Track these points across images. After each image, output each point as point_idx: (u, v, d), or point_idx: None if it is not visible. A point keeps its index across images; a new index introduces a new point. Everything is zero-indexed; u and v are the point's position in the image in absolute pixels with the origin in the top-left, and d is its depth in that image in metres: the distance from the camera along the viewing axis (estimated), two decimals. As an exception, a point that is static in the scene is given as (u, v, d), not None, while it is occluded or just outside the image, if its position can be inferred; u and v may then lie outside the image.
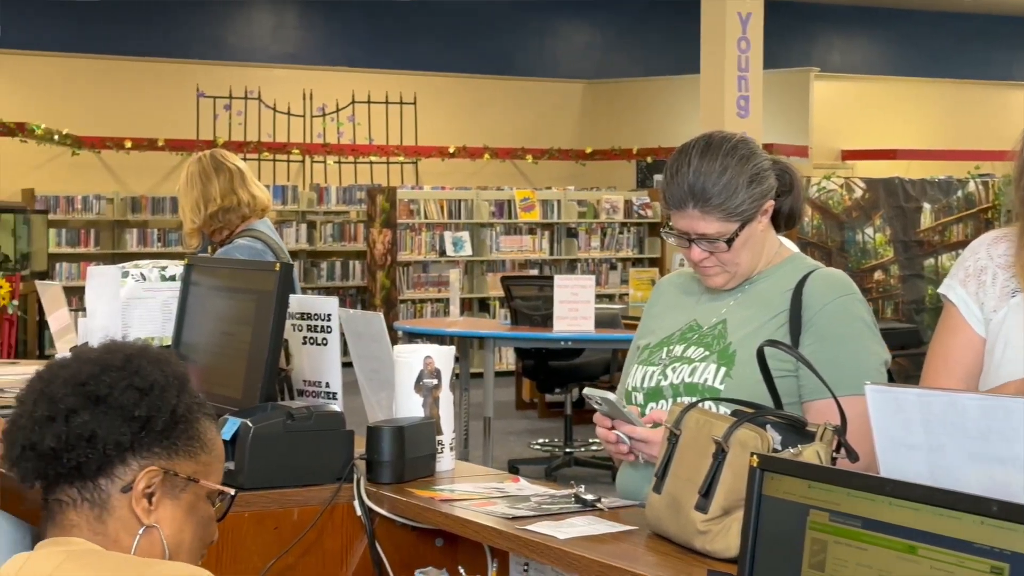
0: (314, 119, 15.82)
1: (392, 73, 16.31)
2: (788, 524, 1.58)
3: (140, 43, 15.37)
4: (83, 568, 1.66)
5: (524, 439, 10.25)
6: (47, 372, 1.80)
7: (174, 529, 1.78)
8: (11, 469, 1.79)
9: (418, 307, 14.05)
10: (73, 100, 14.78)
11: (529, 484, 2.69)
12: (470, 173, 16.42)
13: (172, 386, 1.79)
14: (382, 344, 2.90)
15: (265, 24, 16.50)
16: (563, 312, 7.82)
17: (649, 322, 2.76)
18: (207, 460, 1.83)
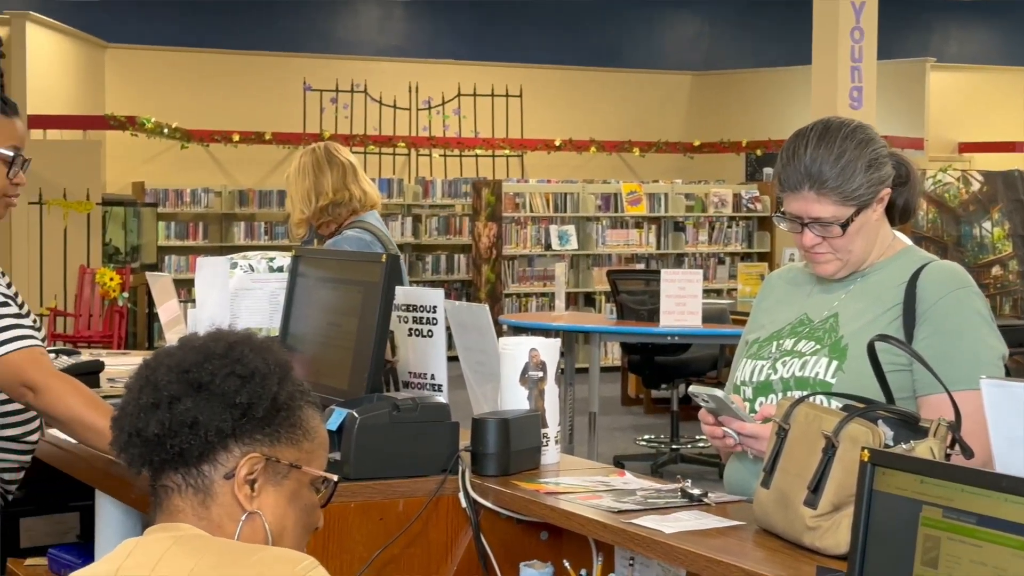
0: (420, 112, 15.92)
1: (498, 65, 16.35)
2: (900, 520, 1.57)
3: (248, 37, 15.58)
4: (190, 553, 1.69)
5: (630, 435, 10.23)
6: (153, 360, 1.83)
7: (276, 515, 1.80)
8: (119, 455, 1.83)
9: (523, 301, 14.07)
10: (182, 94, 15.03)
11: (635, 478, 2.68)
12: (576, 166, 16.41)
13: (273, 374, 1.82)
14: (487, 336, 2.91)
15: (372, 17, 16.63)
16: (670, 307, 7.77)
17: (758, 316, 2.75)
18: (310, 448, 1.85)
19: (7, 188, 2.97)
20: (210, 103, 15.11)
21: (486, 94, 16.06)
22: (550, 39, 16.95)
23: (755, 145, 16.50)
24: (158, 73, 15.11)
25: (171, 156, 14.88)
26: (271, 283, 3.28)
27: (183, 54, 15.24)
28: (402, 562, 2.61)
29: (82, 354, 3.93)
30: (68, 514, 3.56)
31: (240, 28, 15.60)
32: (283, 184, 4.90)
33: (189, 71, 15.22)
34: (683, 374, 8.80)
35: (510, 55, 16.58)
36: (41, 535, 3.52)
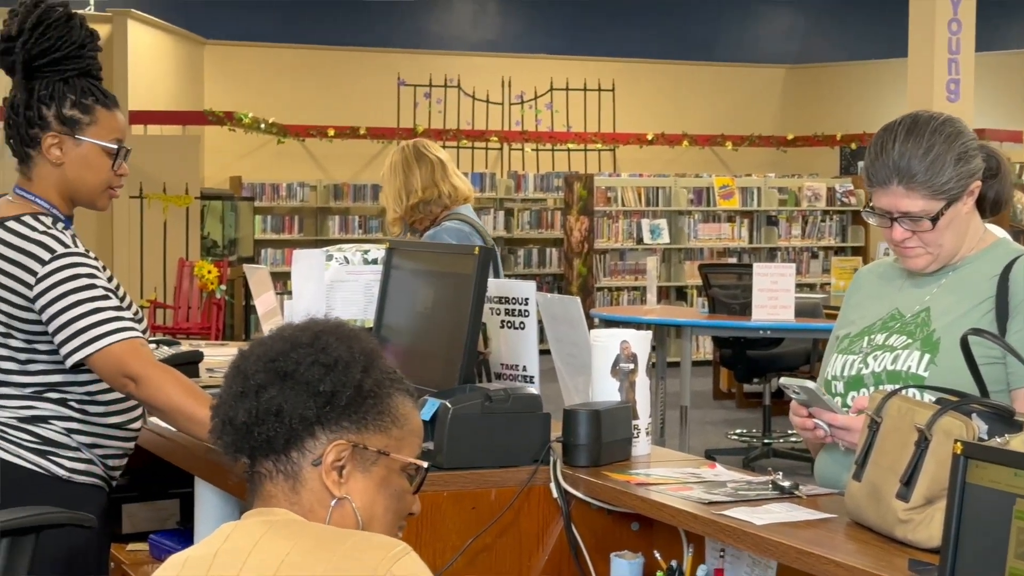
0: (512, 107, 15.95)
1: (590, 60, 16.34)
2: (993, 513, 1.56)
3: (343, 33, 15.71)
4: (285, 537, 1.72)
5: (721, 429, 10.19)
6: (247, 349, 1.87)
7: (366, 501, 1.82)
8: (216, 442, 1.87)
9: (614, 295, 14.06)
10: (279, 90, 15.20)
11: (726, 470, 2.68)
12: (668, 160, 16.35)
13: (358, 362, 1.83)
14: (579, 328, 2.92)
15: (465, 12, 16.69)
16: (762, 301, 7.74)
17: (849, 312, 2.73)
18: (399, 435, 1.86)
19: (111, 179, 3.04)
20: (306, 98, 15.26)
21: (579, 88, 16.05)
22: (643, 33, 16.90)
23: (850, 139, 16.33)
24: (255, 69, 15.29)
25: (268, 151, 15.06)
26: (366, 275, 3.32)
27: (280, 50, 15.41)
28: (494, 551, 2.62)
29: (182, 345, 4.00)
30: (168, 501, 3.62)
31: (335, 24, 15.73)
32: (377, 179, 4.97)
33: (285, 67, 15.38)
34: (775, 368, 8.75)
35: (603, 49, 16.55)
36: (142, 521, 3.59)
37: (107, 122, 3.01)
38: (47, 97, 2.95)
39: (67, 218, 3.01)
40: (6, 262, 2.88)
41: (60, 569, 2.88)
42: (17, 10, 2.99)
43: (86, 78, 2.99)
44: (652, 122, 16.37)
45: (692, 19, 17.23)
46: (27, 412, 2.92)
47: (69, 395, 2.94)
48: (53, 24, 2.95)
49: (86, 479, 2.96)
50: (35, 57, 2.94)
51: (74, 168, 2.98)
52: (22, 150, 2.98)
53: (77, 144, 2.97)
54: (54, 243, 2.87)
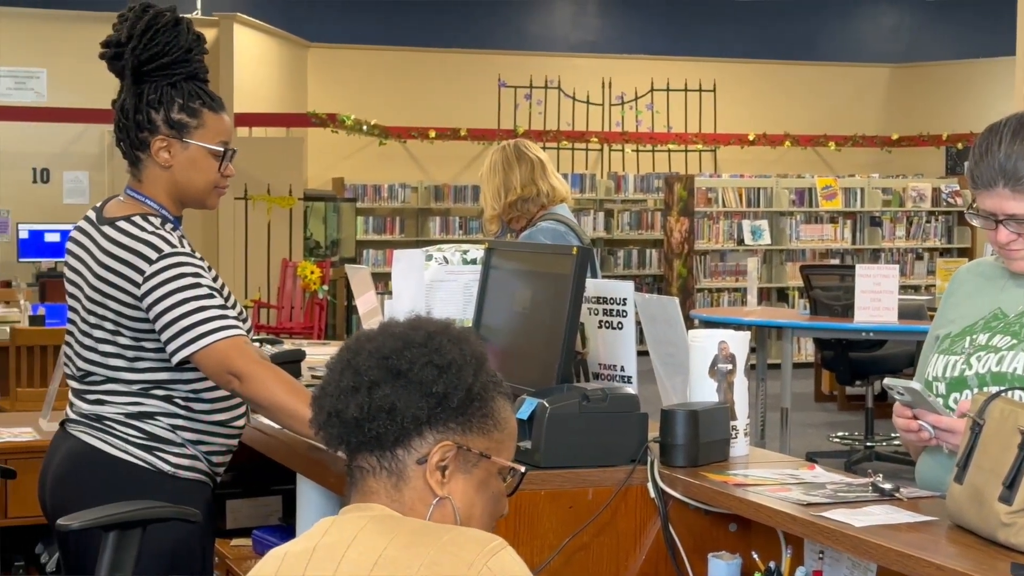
0: (612, 107, 15.94)
1: (691, 60, 16.26)
2: (1097, 517, 1.54)
3: (444, 35, 15.79)
4: (383, 532, 1.74)
5: (823, 432, 10.09)
6: (354, 344, 1.89)
7: (465, 502, 1.84)
8: (318, 433, 1.90)
9: (715, 296, 13.98)
10: (381, 92, 15.32)
11: (825, 472, 2.67)
12: (770, 161, 16.23)
13: (469, 364, 1.85)
14: (677, 328, 2.91)
15: (566, 14, 16.70)
16: (865, 302, 7.67)
17: (948, 311, 2.70)
18: (500, 438, 1.88)
19: (218, 180, 3.09)
20: (407, 100, 15.36)
21: (679, 89, 15.98)
22: (744, 33, 16.78)
23: (956, 139, 16.08)
24: (358, 71, 15.43)
25: (370, 152, 15.19)
26: (465, 275, 3.33)
27: (382, 52, 15.53)
28: (591, 550, 2.63)
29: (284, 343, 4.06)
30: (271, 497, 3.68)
31: (437, 27, 15.82)
32: (477, 180, 4.99)
33: (387, 69, 15.50)
34: (878, 371, 8.65)
35: (703, 49, 16.47)
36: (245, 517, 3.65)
37: (214, 125, 3.06)
38: (155, 101, 3.00)
39: (176, 219, 3.07)
40: (116, 261, 2.94)
41: (165, 563, 2.93)
42: (126, 15, 3.04)
43: (193, 82, 3.04)
44: (753, 122, 16.25)
45: (794, 18, 17.07)
46: (134, 408, 2.97)
47: (175, 392, 2.99)
48: (161, 29, 3.01)
49: (191, 475, 3.01)
50: (144, 62, 3.00)
51: (182, 170, 3.04)
52: (132, 153, 3.04)
53: (185, 147, 3.02)
54: (161, 243, 2.92)
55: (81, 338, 3.03)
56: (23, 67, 13.18)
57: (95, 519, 2.71)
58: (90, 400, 3.01)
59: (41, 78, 13.19)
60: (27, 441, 4.02)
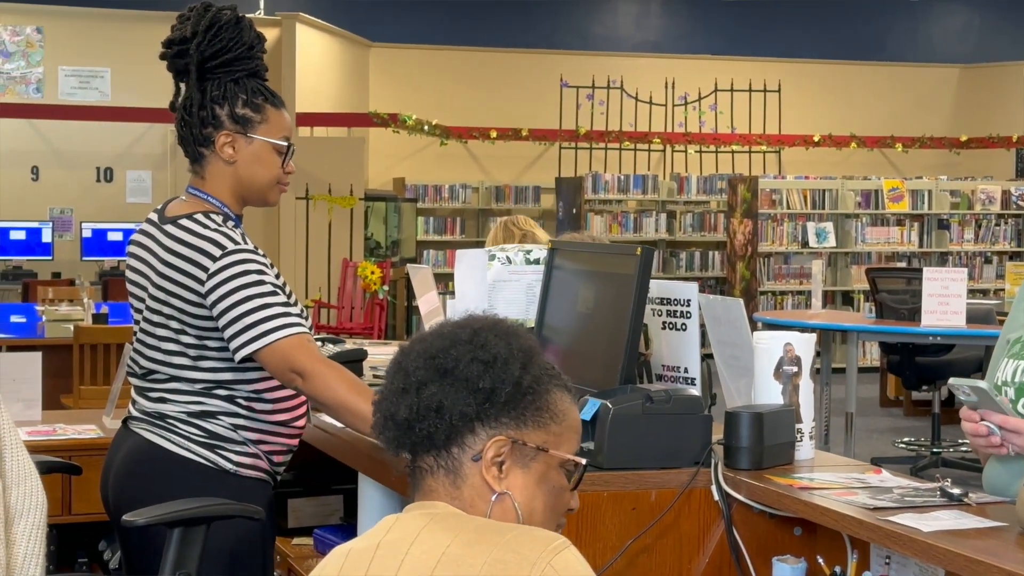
0: (676, 108, 15.89)
1: (755, 60, 16.19)
2: None
3: (506, 35, 15.82)
4: (446, 530, 1.74)
5: (888, 437, 10.01)
6: (408, 346, 1.91)
7: (526, 497, 1.83)
8: (379, 437, 1.91)
9: (778, 299, 13.91)
10: (442, 91, 15.37)
11: (892, 476, 2.65)
12: (835, 162, 16.12)
13: (516, 359, 1.85)
14: (741, 330, 2.91)
15: (629, 14, 16.68)
16: (932, 306, 7.61)
17: (1020, 315, 2.68)
18: (558, 431, 1.87)
19: (280, 176, 3.12)
20: (468, 100, 15.40)
21: (743, 89, 15.91)
22: (809, 32, 16.68)
23: (1027, 140, 15.91)
24: (419, 71, 15.49)
25: (431, 152, 15.24)
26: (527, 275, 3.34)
27: (443, 52, 15.58)
28: (654, 552, 2.63)
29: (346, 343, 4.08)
30: (332, 496, 3.70)
31: (498, 26, 15.85)
32: (539, 180, 5.09)
33: (448, 69, 15.55)
34: (945, 375, 8.55)
35: (768, 49, 16.39)
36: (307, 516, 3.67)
37: (276, 121, 3.09)
38: (220, 97, 3.03)
39: (237, 217, 3.09)
40: (179, 259, 2.97)
41: (228, 560, 2.95)
42: (187, 15, 3.08)
43: (255, 79, 3.08)
44: (819, 123, 16.15)
45: (861, 17, 16.95)
46: (196, 407, 3.00)
47: (237, 392, 3.01)
48: (224, 26, 3.04)
49: (252, 473, 3.03)
50: (208, 59, 3.03)
51: (246, 165, 3.06)
52: (195, 149, 3.07)
53: (249, 142, 3.05)
54: (225, 240, 2.95)
55: (144, 337, 3.06)
56: (87, 67, 13.34)
57: (161, 515, 2.74)
58: (153, 398, 3.04)
59: (105, 77, 13.34)
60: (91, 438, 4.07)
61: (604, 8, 16.56)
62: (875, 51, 16.88)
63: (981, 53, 17.23)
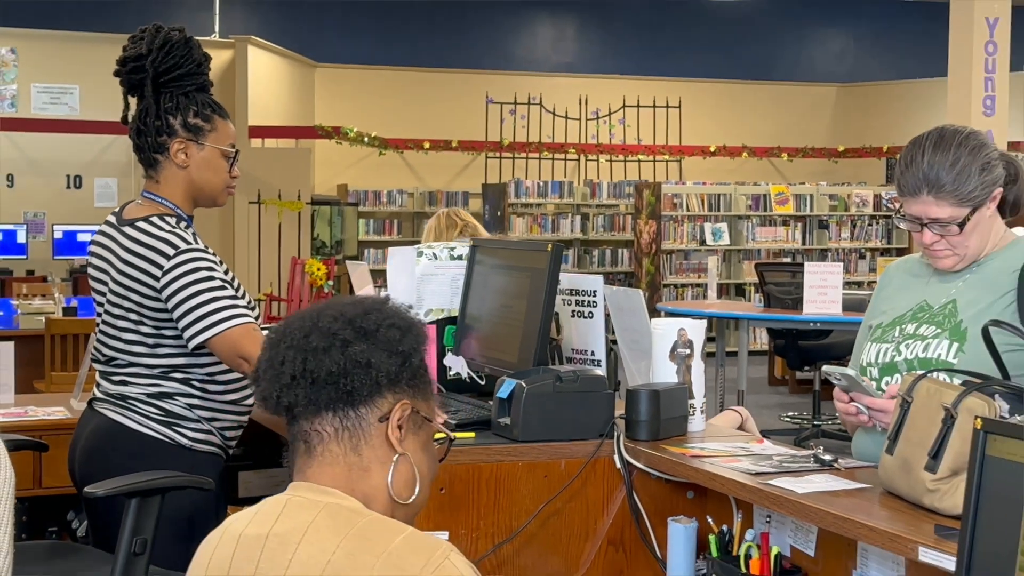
0: (588, 122, 15.93)
1: (659, 79, 16.27)
2: (1010, 483, 1.54)
3: (437, 57, 15.78)
4: (333, 531, 1.61)
5: (775, 412, 10.11)
6: (309, 313, 1.75)
7: (418, 461, 1.75)
8: (285, 394, 1.71)
9: (679, 291, 14.00)
10: (380, 107, 15.30)
11: (772, 445, 2.67)
12: (729, 170, 16.24)
13: (421, 330, 1.78)
14: (641, 317, 2.92)
15: (547, 38, 16.69)
16: (813, 296, 7.69)
17: (880, 303, 2.71)
18: (434, 407, 1.81)
19: (228, 180, 3.10)
20: (404, 115, 15.34)
21: (648, 105, 15.99)
22: (707, 55, 16.79)
23: (895, 151, 16.09)
24: (359, 88, 15.41)
25: (370, 161, 15.17)
26: (452, 270, 3.33)
27: (381, 72, 15.51)
28: (564, 515, 2.63)
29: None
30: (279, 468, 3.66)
31: (431, 48, 15.80)
32: (467, 187, 5.09)
33: (386, 87, 15.48)
34: (824, 357, 8.67)
35: (670, 70, 16.47)
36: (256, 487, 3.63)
37: (224, 130, 3.07)
38: (173, 108, 3.01)
39: (189, 217, 3.07)
40: (137, 258, 2.94)
41: (183, 527, 2.92)
42: (140, 35, 3.05)
43: (203, 92, 3.06)
44: (715, 135, 16.27)
45: (751, 41, 17.09)
46: (155, 389, 2.97)
47: (192, 375, 2.99)
48: (176, 45, 3.02)
49: (206, 448, 3.01)
50: (162, 74, 3.01)
51: (198, 170, 3.04)
52: (150, 156, 3.04)
53: (200, 148, 3.03)
54: (178, 240, 2.92)
55: (106, 328, 3.03)
56: (57, 84, 13.14)
57: (119, 487, 2.71)
58: (115, 381, 3.01)
59: (74, 94, 13.15)
60: (59, 419, 4.00)
61: (525, 33, 16.57)
62: (764, 72, 17.02)
63: (856, 74, 17.43)
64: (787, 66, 17.27)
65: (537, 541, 2.61)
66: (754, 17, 17.13)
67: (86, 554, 3.01)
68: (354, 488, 1.68)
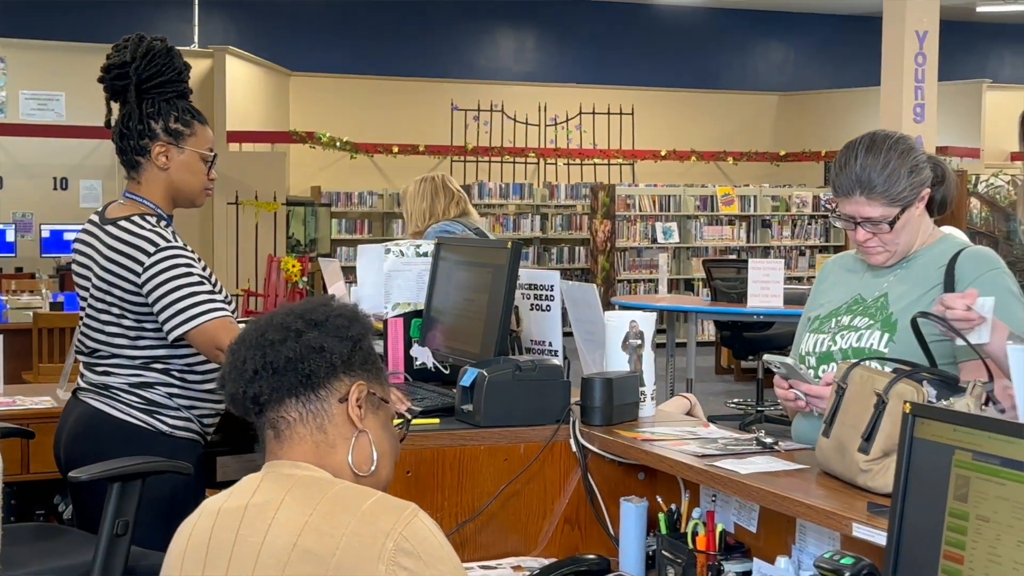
0: (547, 128, 15.94)
1: (613, 88, 16.30)
2: (936, 463, 1.55)
3: (406, 66, 15.74)
4: (307, 499, 1.64)
5: (721, 399, 10.15)
6: (264, 318, 1.80)
7: (377, 438, 1.79)
8: (249, 386, 1.75)
9: (632, 286, 14.03)
10: (352, 113, 15.25)
11: (717, 429, 2.68)
12: (679, 173, 16.30)
13: (365, 319, 1.82)
14: (595, 310, 2.92)
15: (508, 48, 16.69)
16: (756, 291, 7.72)
17: (817, 297, 2.72)
18: (389, 391, 1.84)
19: (206, 182, 3.08)
20: (374, 121, 15.30)
21: (603, 112, 16.01)
22: (658, 65, 16.84)
23: (833, 155, 16.12)
24: (332, 96, 15.35)
25: (342, 165, 15.11)
26: (418, 266, 3.32)
27: (352, 80, 15.46)
28: (523, 495, 2.63)
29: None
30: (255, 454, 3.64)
31: (400, 58, 15.76)
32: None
33: (357, 94, 15.43)
34: (767, 347, 8.69)
35: (624, 79, 16.51)
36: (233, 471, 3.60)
37: (203, 134, 3.05)
38: (155, 113, 2.99)
39: (168, 217, 3.04)
40: (119, 255, 2.91)
41: (163, 510, 2.90)
42: (123, 44, 3.02)
43: (183, 99, 3.03)
44: (665, 140, 16.31)
45: (699, 53, 17.15)
46: (136, 379, 2.95)
47: (171, 366, 2.96)
48: (158, 54, 2.99)
49: (185, 434, 2.99)
50: (144, 81, 2.98)
51: (178, 172, 3.02)
52: (133, 158, 3.02)
53: (180, 152, 3.01)
54: (158, 238, 2.90)
55: (90, 321, 3.00)
56: (45, 91, 13.00)
57: (101, 472, 2.68)
58: (98, 372, 2.98)
59: (60, 100, 13.02)
60: (46, 408, 3.97)
61: (488, 44, 16.55)
62: (711, 81, 17.09)
63: (796, 83, 17.54)
64: (732, 76, 17.35)
65: (498, 520, 2.60)
66: (702, 31, 17.20)
67: (71, 535, 2.98)
68: (323, 462, 1.73)
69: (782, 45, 17.72)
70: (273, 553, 1.59)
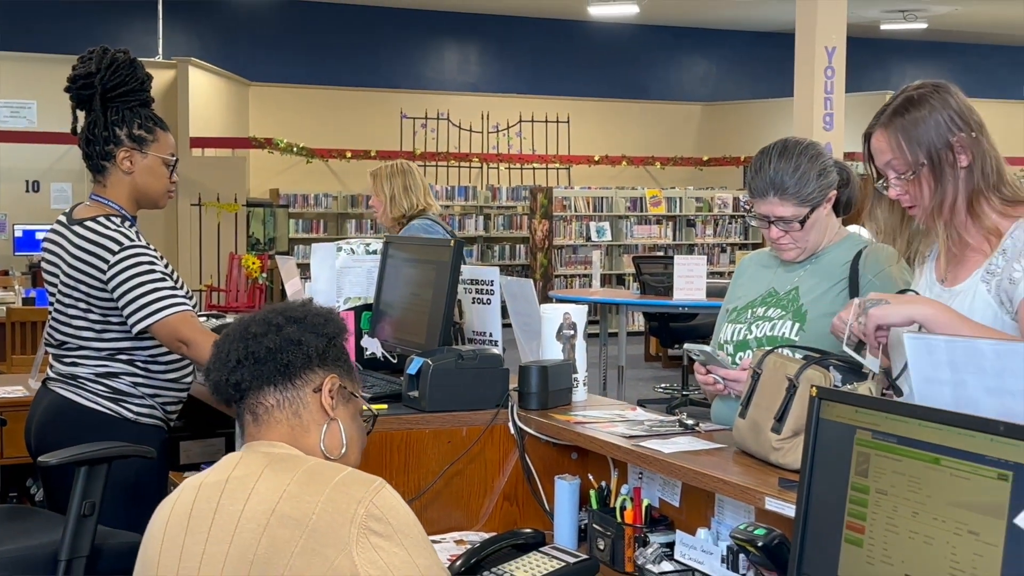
0: (490, 135, 15.92)
1: (551, 98, 16.32)
2: (840, 441, 1.57)
3: (358, 77, 15.65)
4: (285, 471, 1.67)
5: (650, 384, 10.21)
6: (247, 315, 1.84)
7: (347, 427, 1.81)
8: (232, 374, 1.78)
9: (569, 280, 14.07)
10: (307, 121, 15.14)
11: (644, 412, 2.70)
12: (611, 176, 16.36)
13: (340, 320, 1.86)
14: (532, 303, 2.93)
15: (453, 60, 16.64)
16: (681, 285, 7.77)
17: (735, 290, 2.75)
18: (359, 387, 1.87)
19: (168, 185, 3.05)
20: (329, 127, 15.20)
21: (541, 120, 16.03)
22: (592, 77, 16.88)
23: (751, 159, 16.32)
24: (289, 104, 15.22)
25: (299, 168, 14.99)
26: (368, 263, 3.31)
27: (308, 90, 15.34)
28: (466, 475, 2.64)
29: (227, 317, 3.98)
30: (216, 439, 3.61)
31: (352, 70, 15.67)
32: None
33: (313, 103, 15.31)
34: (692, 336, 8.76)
35: (560, 89, 16.53)
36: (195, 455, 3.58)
37: (165, 140, 3.02)
38: (119, 121, 2.95)
39: (132, 218, 3.01)
40: (86, 253, 2.88)
41: (129, 492, 2.88)
42: (88, 55, 2.98)
43: (146, 107, 3.00)
44: (598, 146, 16.37)
45: (629, 66, 17.22)
46: (102, 369, 2.92)
47: (136, 357, 2.93)
48: (122, 64, 2.96)
49: (149, 421, 2.96)
50: (109, 90, 2.94)
51: (142, 176, 2.99)
52: (98, 163, 2.98)
53: (144, 157, 2.98)
54: (122, 238, 2.87)
55: (58, 315, 2.97)
56: (17, 99, 12.78)
57: (69, 456, 2.65)
58: (66, 363, 2.95)
59: (32, 108, 12.79)
60: (17, 397, 3.91)
61: (434, 56, 16.50)
62: (640, 92, 17.17)
63: (717, 94, 17.67)
64: (660, 87, 17.45)
65: (442, 498, 2.61)
66: (632, 45, 17.27)
67: (41, 516, 2.94)
68: (297, 443, 1.76)
69: (704, 59, 17.85)
70: (253, 518, 1.62)
